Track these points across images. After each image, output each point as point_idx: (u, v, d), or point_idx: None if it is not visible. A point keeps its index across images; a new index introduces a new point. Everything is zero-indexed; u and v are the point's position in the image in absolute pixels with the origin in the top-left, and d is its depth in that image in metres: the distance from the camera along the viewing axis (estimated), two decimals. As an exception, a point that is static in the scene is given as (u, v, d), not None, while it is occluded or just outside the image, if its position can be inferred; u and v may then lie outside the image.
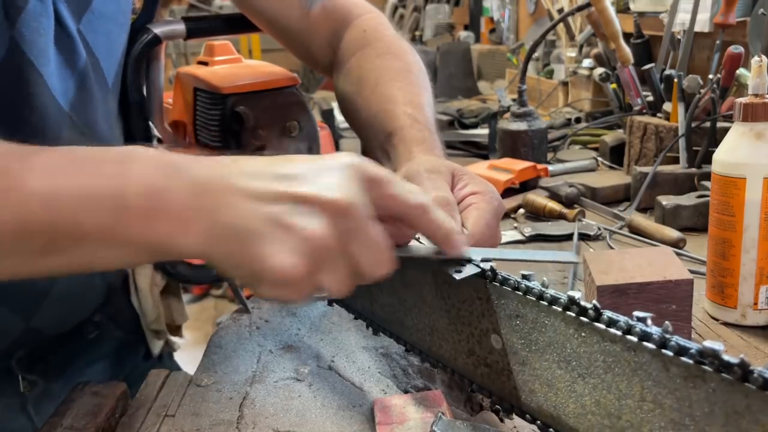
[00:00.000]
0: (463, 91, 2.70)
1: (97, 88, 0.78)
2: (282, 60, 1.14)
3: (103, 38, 0.80)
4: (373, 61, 0.85)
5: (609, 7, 1.55)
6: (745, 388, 0.37)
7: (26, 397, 0.85)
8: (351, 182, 0.49)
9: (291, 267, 0.46)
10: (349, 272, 0.49)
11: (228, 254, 0.48)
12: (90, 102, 0.77)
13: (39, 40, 0.70)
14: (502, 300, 0.52)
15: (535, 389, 0.51)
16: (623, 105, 1.72)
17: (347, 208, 0.48)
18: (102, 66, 0.80)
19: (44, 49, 0.71)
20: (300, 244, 0.46)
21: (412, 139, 0.73)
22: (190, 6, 6.00)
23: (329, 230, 0.47)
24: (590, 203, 1.30)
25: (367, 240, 0.49)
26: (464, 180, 0.67)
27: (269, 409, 0.70)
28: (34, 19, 0.69)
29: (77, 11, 0.75)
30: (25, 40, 0.69)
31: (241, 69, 0.98)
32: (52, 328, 0.84)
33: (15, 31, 0.68)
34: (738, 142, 0.80)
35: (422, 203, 0.53)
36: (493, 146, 1.69)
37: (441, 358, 0.62)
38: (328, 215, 0.47)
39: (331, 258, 0.48)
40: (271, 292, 0.49)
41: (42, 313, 0.80)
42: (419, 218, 0.53)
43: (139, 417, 0.70)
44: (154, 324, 0.98)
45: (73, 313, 0.86)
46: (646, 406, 0.43)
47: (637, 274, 0.77)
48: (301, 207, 0.47)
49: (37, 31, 0.69)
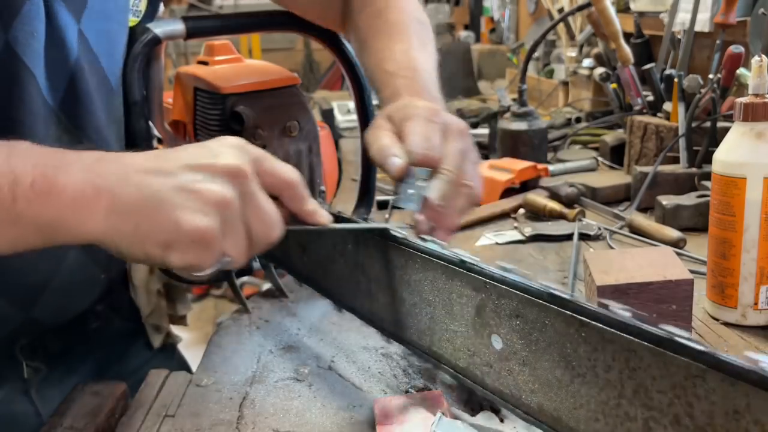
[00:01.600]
0: (463, 91, 2.70)
1: (94, 88, 0.79)
2: (282, 60, 1.14)
3: (103, 38, 0.80)
4: (375, 18, 0.90)
5: (609, 7, 1.55)
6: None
7: (29, 383, 0.87)
8: (240, 153, 0.55)
9: (204, 226, 0.51)
10: (245, 236, 0.54)
11: (133, 230, 0.51)
12: (81, 101, 0.78)
13: (32, 41, 0.71)
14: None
15: None
16: (623, 105, 1.72)
17: (241, 172, 0.54)
18: (103, 66, 0.80)
19: (37, 49, 0.72)
20: (208, 206, 0.52)
21: (403, 83, 0.77)
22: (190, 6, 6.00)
23: (230, 192, 0.53)
24: (590, 203, 1.30)
25: (258, 205, 0.54)
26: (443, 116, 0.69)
27: (269, 409, 0.70)
28: (29, 23, 0.70)
29: (75, 10, 0.76)
30: (18, 42, 0.70)
31: (241, 69, 0.98)
32: (52, 319, 0.85)
33: (9, 35, 0.69)
34: (738, 141, 0.80)
35: (295, 180, 0.59)
36: (493, 146, 1.69)
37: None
38: (227, 179, 0.53)
39: (232, 219, 0.53)
40: (184, 257, 0.52)
41: (41, 304, 0.81)
42: (291, 192, 0.59)
43: (139, 417, 0.70)
44: (150, 318, 0.99)
45: (72, 305, 0.87)
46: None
47: (637, 274, 0.77)
48: (203, 174, 0.53)
49: (31, 34, 0.71)
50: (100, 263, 0.86)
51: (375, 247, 0.68)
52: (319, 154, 0.97)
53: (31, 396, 0.86)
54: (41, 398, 0.86)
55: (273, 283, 0.97)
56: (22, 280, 0.78)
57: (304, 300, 0.95)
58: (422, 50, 0.84)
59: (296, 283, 0.95)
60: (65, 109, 0.76)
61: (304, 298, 0.95)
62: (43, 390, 0.87)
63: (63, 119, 0.76)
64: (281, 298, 0.96)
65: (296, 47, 6.54)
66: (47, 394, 0.86)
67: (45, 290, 0.80)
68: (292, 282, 0.97)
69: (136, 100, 0.88)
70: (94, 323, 0.94)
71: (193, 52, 4.99)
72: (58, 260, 0.80)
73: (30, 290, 0.80)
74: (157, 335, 1.00)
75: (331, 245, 0.74)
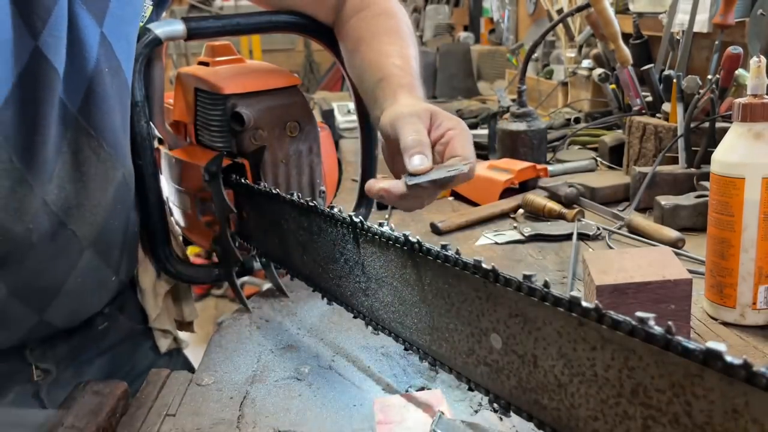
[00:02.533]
0: (462, 92, 2.70)
1: (114, 91, 0.80)
2: (282, 61, 1.14)
3: (123, 42, 0.82)
4: (369, 21, 0.95)
5: (608, 8, 1.55)
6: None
7: (39, 385, 0.87)
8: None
9: None
10: None
11: None
12: (100, 105, 0.79)
13: (59, 45, 0.73)
14: None
15: None
16: (622, 105, 1.73)
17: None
18: (123, 68, 0.82)
19: (62, 54, 0.73)
20: None
21: (398, 84, 0.83)
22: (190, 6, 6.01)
23: None
24: (589, 203, 1.30)
25: None
26: (440, 118, 0.77)
27: (269, 409, 0.70)
28: (56, 27, 0.72)
29: (98, 14, 0.77)
30: (49, 47, 0.71)
31: (241, 69, 0.98)
32: (64, 322, 0.86)
33: (40, 41, 0.71)
34: (737, 142, 0.80)
35: None
36: (492, 146, 1.69)
37: None
38: None
39: None
40: None
41: (55, 307, 0.82)
42: None
43: (140, 416, 0.70)
44: (156, 322, 0.99)
45: (84, 308, 0.88)
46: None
47: (636, 273, 0.77)
48: None
49: (59, 38, 0.72)
50: (112, 265, 0.87)
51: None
52: (319, 154, 0.97)
53: (41, 398, 0.87)
54: (51, 401, 0.87)
55: (273, 283, 0.98)
56: (37, 283, 0.79)
57: (304, 300, 0.95)
58: (414, 50, 0.92)
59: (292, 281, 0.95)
60: (84, 111, 0.77)
61: (304, 298, 0.95)
62: (52, 392, 0.87)
63: (81, 122, 0.77)
64: (281, 298, 0.96)
65: (297, 48, 6.55)
66: (56, 397, 0.86)
67: (59, 293, 0.81)
68: (292, 282, 0.97)
69: (137, 100, 0.88)
70: (101, 324, 0.94)
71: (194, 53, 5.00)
72: (72, 263, 0.81)
73: (44, 293, 0.81)
74: (164, 339, 1.01)
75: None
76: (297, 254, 0.81)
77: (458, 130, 0.75)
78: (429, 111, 0.77)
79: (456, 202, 1.43)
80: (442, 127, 0.76)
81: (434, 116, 0.76)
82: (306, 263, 0.79)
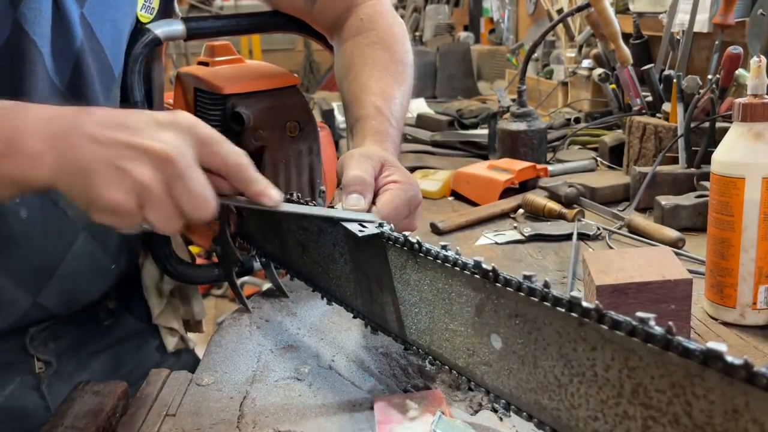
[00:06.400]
0: (462, 92, 2.70)
1: (96, 75, 0.80)
2: (282, 61, 1.14)
3: (108, 26, 0.81)
4: (362, 49, 0.92)
5: (608, 8, 1.55)
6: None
7: (40, 377, 0.87)
8: (178, 137, 0.58)
9: (119, 202, 0.56)
10: (173, 212, 0.58)
11: (71, 185, 0.58)
12: (85, 86, 0.79)
13: (40, 20, 0.73)
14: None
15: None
16: (622, 105, 1.72)
17: (170, 158, 0.57)
18: (107, 53, 0.82)
19: (44, 28, 0.74)
20: (128, 185, 0.56)
21: (370, 130, 0.81)
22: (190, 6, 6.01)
23: (154, 175, 0.56)
24: (589, 203, 1.30)
25: (187, 187, 0.57)
26: (390, 170, 0.74)
27: (269, 409, 0.70)
28: (35, 1, 0.73)
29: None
30: (27, 20, 0.72)
31: (241, 69, 0.98)
32: (60, 307, 0.86)
33: (18, 12, 0.72)
34: (737, 142, 0.80)
35: (240, 162, 0.62)
36: (492, 146, 1.69)
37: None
38: (154, 163, 0.56)
39: (154, 199, 0.57)
40: (104, 219, 0.58)
41: (49, 290, 0.82)
42: (236, 174, 0.62)
43: (140, 416, 0.70)
44: (160, 319, 0.99)
45: (81, 294, 0.88)
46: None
47: (636, 273, 0.77)
48: (133, 153, 0.57)
49: (38, 12, 0.73)
50: (110, 253, 0.87)
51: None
52: (319, 154, 0.97)
53: (42, 391, 0.87)
54: (51, 393, 0.87)
55: (273, 282, 0.97)
56: (29, 264, 0.80)
57: (304, 300, 0.95)
58: (403, 87, 0.89)
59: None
60: (72, 89, 0.78)
61: (304, 298, 0.95)
62: (53, 385, 0.88)
63: (70, 99, 0.77)
64: (281, 297, 0.96)
65: (296, 48, 6.55)
66: (58, 390, 0.86)
67: (53, 275, 0.82)
68: (292, 282, 0.97)
69: (136, 100, 0.88)
70: (105, 320, 0.95)
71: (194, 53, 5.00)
72: (66, 245, 0.81)
73: (37, 274, 0.81)
74: (171, 338, 1.01)
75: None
76: (296, 254, 0.81)
77: (401, 188, 0.72)
78: (383, 159, 0.74)
79: (456, 202, 1.43)
80: (388, 178, 0.73)
81: (386, 165, 0.74)
82: (306, 263, 0.79)
